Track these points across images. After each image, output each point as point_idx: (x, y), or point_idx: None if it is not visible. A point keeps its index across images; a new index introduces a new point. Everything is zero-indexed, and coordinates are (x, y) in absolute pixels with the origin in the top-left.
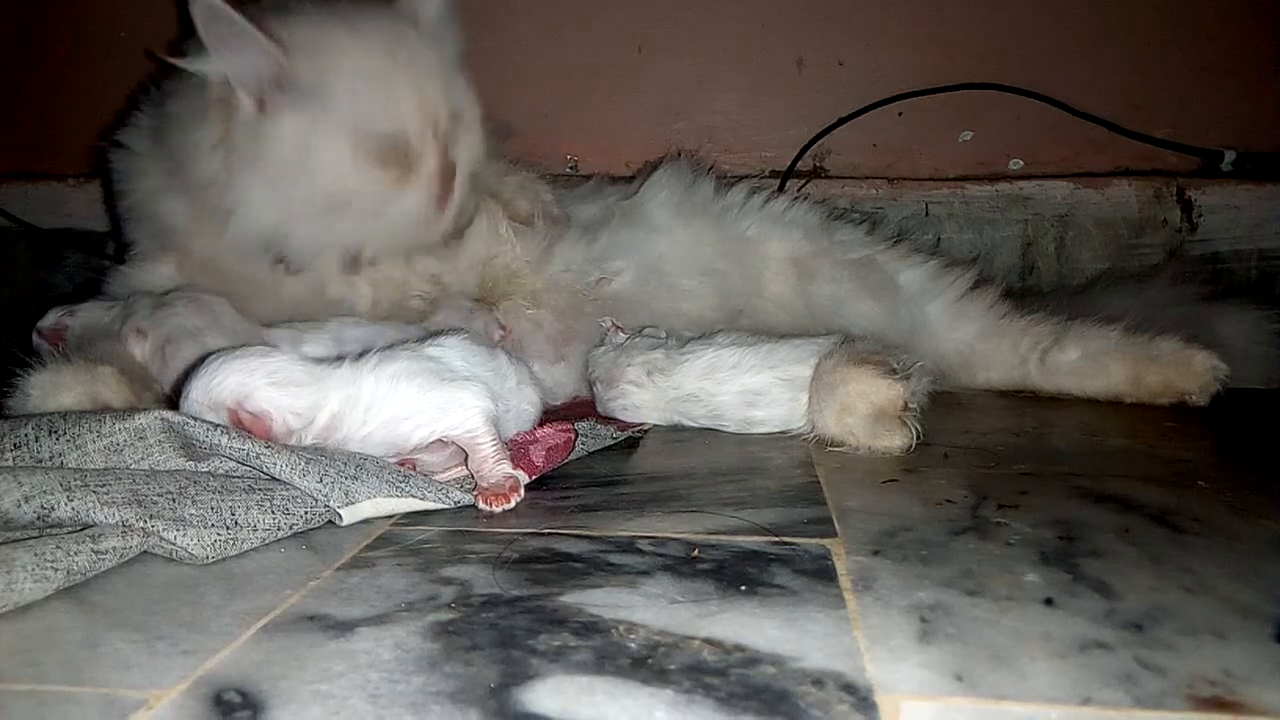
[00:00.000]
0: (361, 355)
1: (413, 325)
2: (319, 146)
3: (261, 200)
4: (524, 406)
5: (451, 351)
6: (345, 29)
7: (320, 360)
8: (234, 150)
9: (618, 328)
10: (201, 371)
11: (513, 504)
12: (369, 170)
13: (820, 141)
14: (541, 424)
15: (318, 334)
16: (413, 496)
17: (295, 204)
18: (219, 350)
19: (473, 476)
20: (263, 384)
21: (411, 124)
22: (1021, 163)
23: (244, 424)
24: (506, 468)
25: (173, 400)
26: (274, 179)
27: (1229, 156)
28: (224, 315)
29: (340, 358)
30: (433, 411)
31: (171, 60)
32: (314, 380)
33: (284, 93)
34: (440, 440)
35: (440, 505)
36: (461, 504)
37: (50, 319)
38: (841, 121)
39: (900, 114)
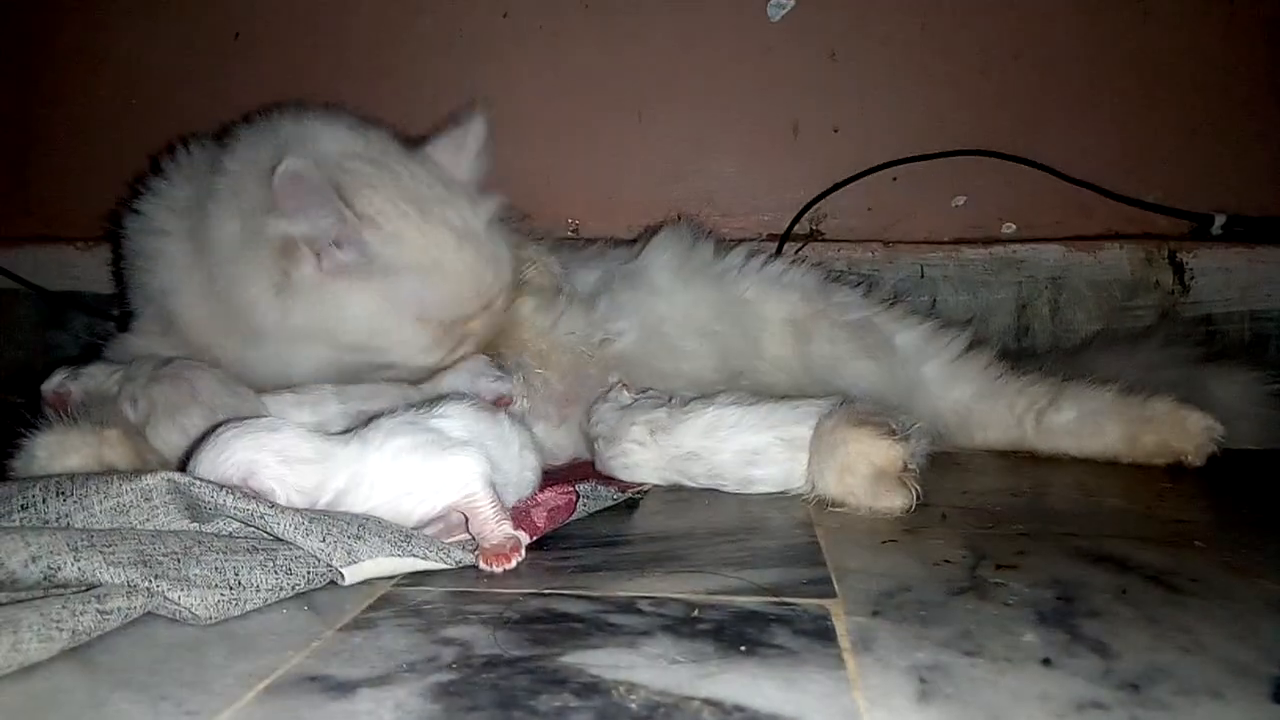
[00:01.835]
0: (367, 425)
1: (410, 386)
2: (387, 325)
3: (313, 355)
4: (525, 474)
5: (454, 421)
6: (418, 210)
7: (322, 425)
8: (288, 301)
9: (625, 387)
10: (210, 444)
11: (514, 564)
12: (429, 346)
13: (817, 205)
14: (543, 487)
15: (317, 396)
16: (415, 556)
17: (345, 362)
18: (230, 421)
19: (474, 539)
20: (270, 460)
21: (470, 312)
22: (1014, 226)
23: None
24: (507, 528)
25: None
26: (333, 340)
27: (1219, 220)
28: (203, 390)
29: (345, 430)
30: (434, 484)
31: (263, 219)
32: (321, 458)
33: (347, 255)
34: (442, 515)
35: (442, 565)
36: (463, 564)
37: (54, 381)
38: (837, 186)
39: (895, 179)
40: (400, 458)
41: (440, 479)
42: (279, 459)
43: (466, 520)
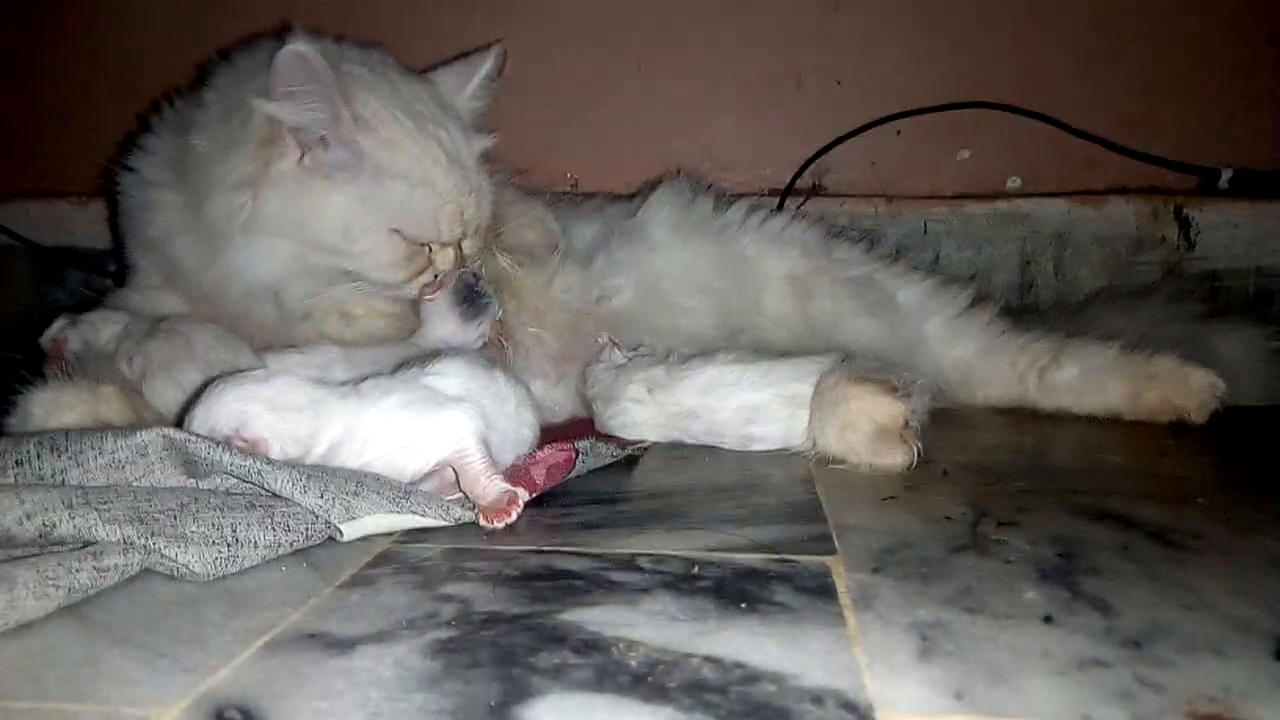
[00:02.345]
0: (364, 382)
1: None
2: (362, 229)
3: (277, 249)
4: (522, 431)
5: (449, 378)
6: (415, 124)
7: (327, 383)
8: (265, 192)
9: (615, 345)
10: (203, 398)
11: (513, 517)
12: (397, 262)
13: (819, 160)
14: (542, 445)
15: (324, 359)
16: (413, 513)
17: (309, 263)
18: (223, 375)
19: (467, 496)
20: (260, 410)
21: (446, 237)
22: (1019, 181)
23: (242, 450)
24: (499, 484)
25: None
26: (301, 236)
27: (1226, 174)
28: (199, 346)
29: (345, 382)
30: (428, 439)
31: (253, 102)
32: (314, 406)
33: (333, 154)
34: (437, 469)
35: (441, 522)
36: (462, 521)
37: (53, 329)
38: (840, 140)
39: (899, 133)
40: (396, 413)
41: (434, 434)
42: (269, 408)
43: (458, 477)
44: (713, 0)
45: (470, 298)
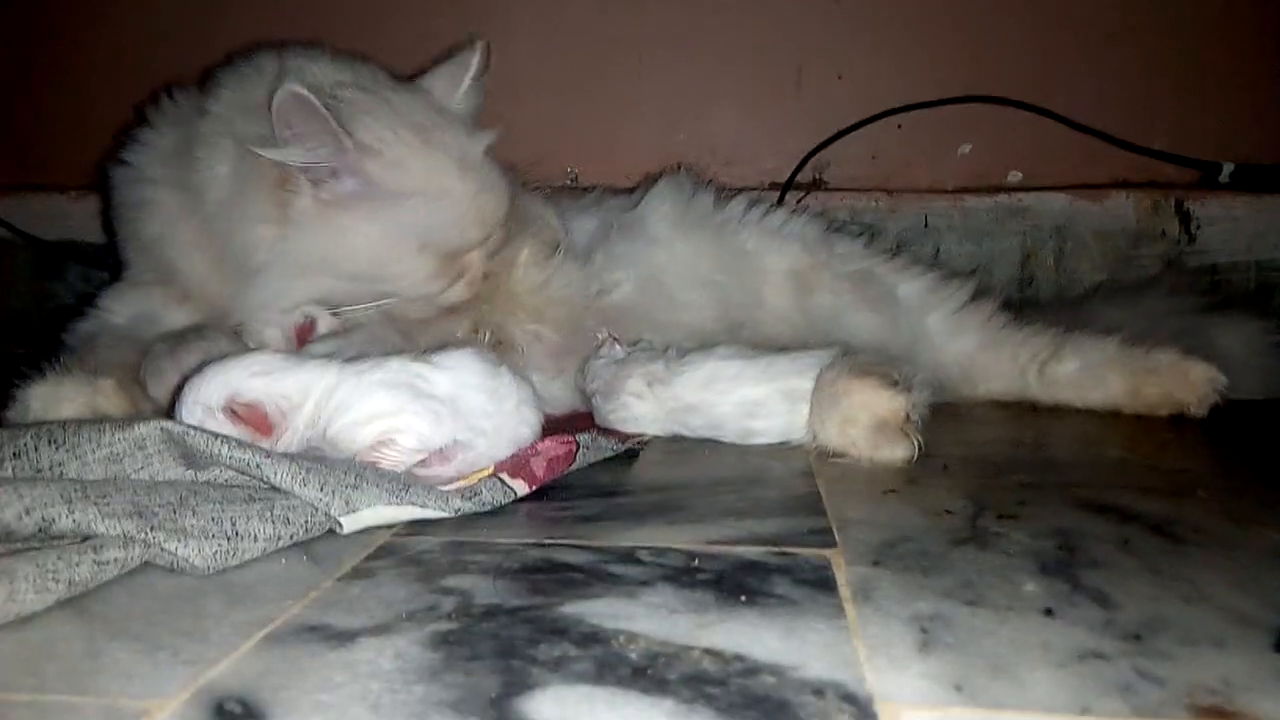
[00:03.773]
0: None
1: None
2: (394, 254)
3: (310, 284)
4: (521, 429)
5: (444, 372)
6: (419, 138)
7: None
8: (289, 231)
9: (615, 340)
10: (189, 385)
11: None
12: (433, 276)
13: (819, 154)
14: (542, 438)
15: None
16: (413, 505)
17: (344, 290)
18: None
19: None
20: (246, 377)
21: (473, 241)
22: (1020, 175)
23: (241, 418)
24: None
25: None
26: (334, 270)
27: (1227, 168)
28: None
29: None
30: (384, 420)
31: (259, 151)
32: (294, 367)
33: (345, 185)
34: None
35: (441, 514)
36: (462, 512)
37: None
38: (840, 134)
39: (899, 126)
40: (375, 390)
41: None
42: (252, 373)
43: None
44: None
45: None
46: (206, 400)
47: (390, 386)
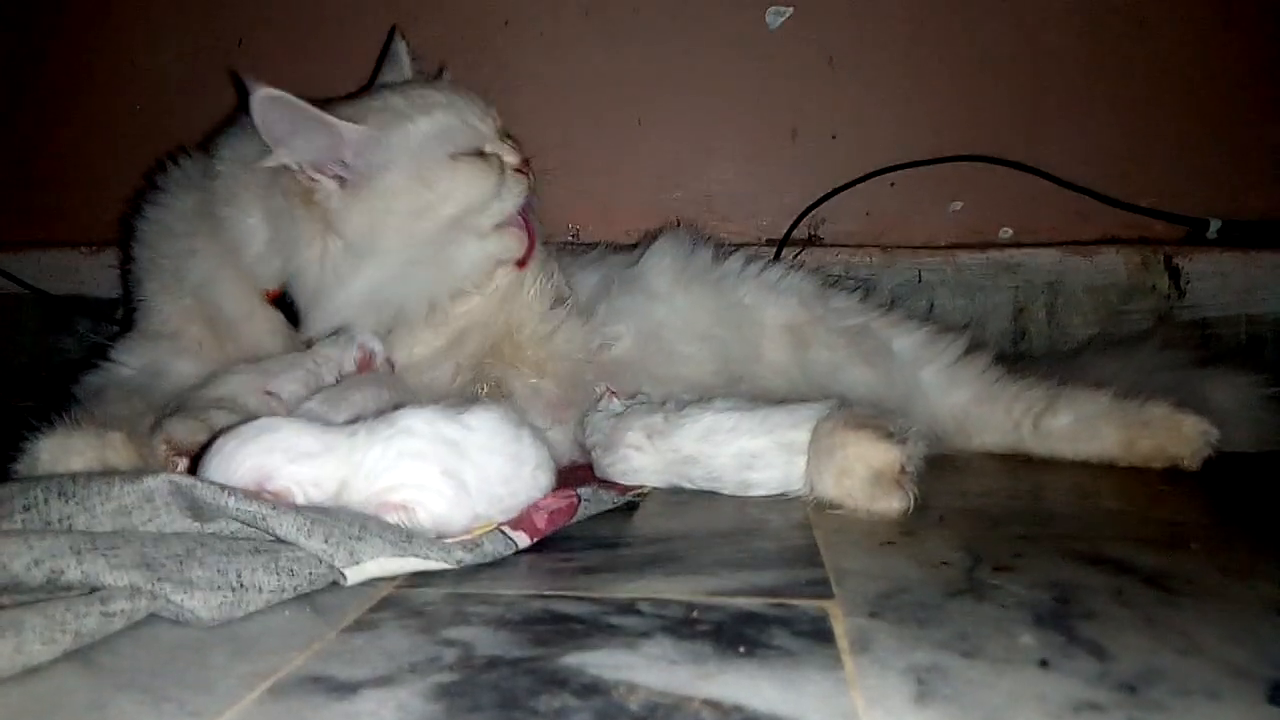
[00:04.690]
0: (380, 418)
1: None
2: (432, 176)
3: (381, 266)
4: (533, 493)
5: (473, 434)
6: (397, 94)
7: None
8: (340, 232)
9: (613, 394)
10: (216, 454)
11: None
12: (476, 176)
13: (815, 210)
14: None
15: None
16: (416, 556)
17: (422, 245)
18: (228, 431)
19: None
20: (281, 461)
21: (489, 131)
22: (1011, 231)
23: (266, 499)
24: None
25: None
26: (404, 228)
27: (1214, 224)
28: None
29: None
30: (407, 491)
31: (260, 165)
32: (326, 450)
33: (358, 164)
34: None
35: (445, 565)
36: (464, 564)
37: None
38: (835, 191)
39: (892, 184)
40: (403, 460)
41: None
42: (288, 458)
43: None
44: (711, 56)
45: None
46: (237, 481)
47: (418, 458)
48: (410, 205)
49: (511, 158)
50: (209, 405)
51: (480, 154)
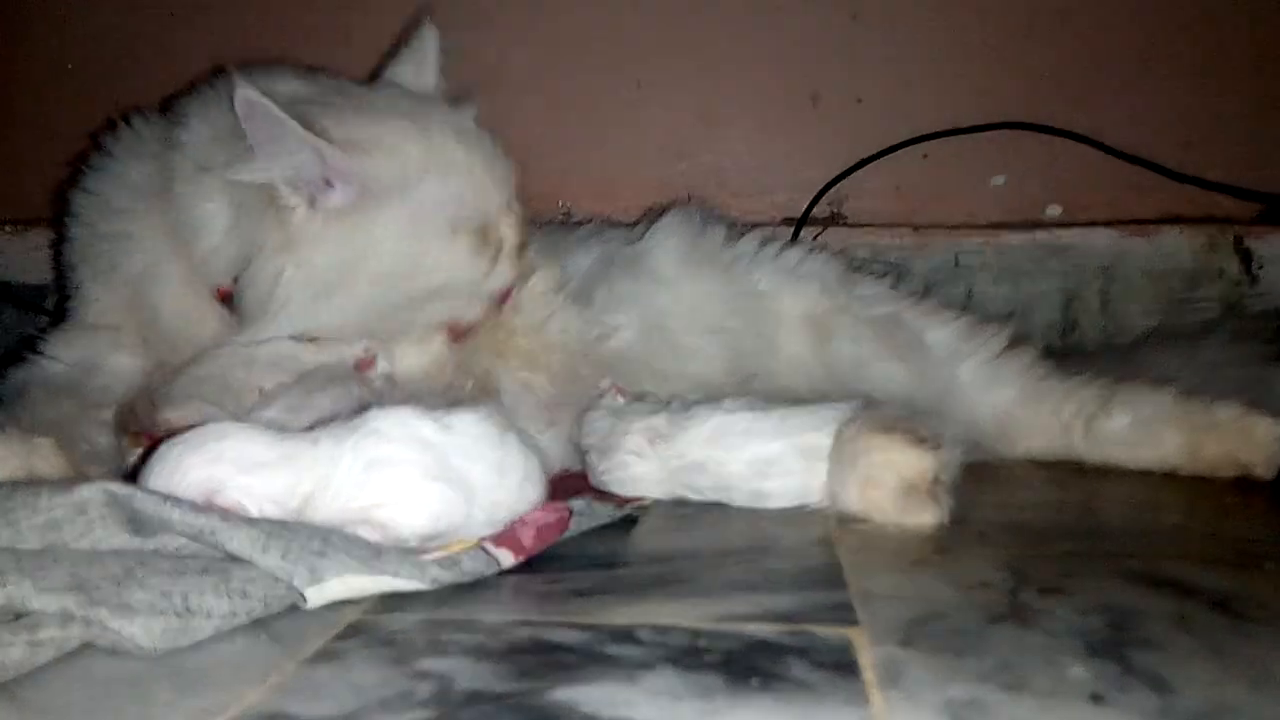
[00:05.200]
0: (349, 423)
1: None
2: (423, 243)
3: (338, 303)
4: (519, 506)
5: (454, 437)
6: (408, 122)
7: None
8: (302, 254)
9: (619, 391)
10: (159, 462)
11: None
12: (471, 259)
13: (838, 186)
14: None
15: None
16: (385, 574)
17: (389, 306)
18: (172, 438)
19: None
20: (231, 472)
21: (497, 203)
22: (1060, 209)
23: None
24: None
25: None
26: (363, 278)
27: None
28: None
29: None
30: (380, 510)
31: (234, 177)
32: (284, 460)
33: (344, 193)
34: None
35: (417, 585)
36: (440, 584)
37: None
38: (861, 164)
39: (925, 156)
40: (372, 472)
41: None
42: (239, 469)
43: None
44: (719, 10)
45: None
46: (183, 491)
47: (392, 464)
48: (390, 268)
49: (511, 238)
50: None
51: (483, 230)
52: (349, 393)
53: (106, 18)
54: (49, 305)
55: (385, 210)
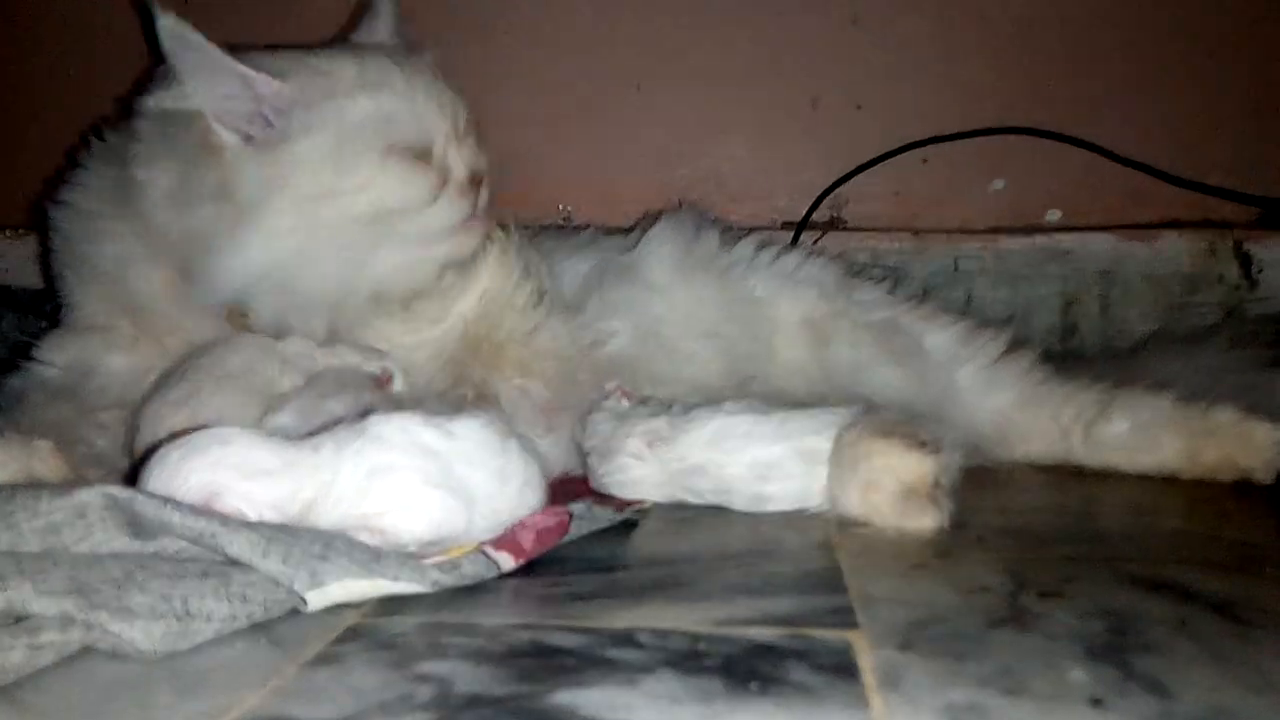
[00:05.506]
0: (351, 428)
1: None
2: (352, 163)
3: (279, 226)
4: (518, 512)
5: (460, 444)
6: (350, 60)
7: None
8: (237, 190)
9: (624, 394)
10: (159, 465)
11: None
12: (407, 181)
13: (838, 190)
14: None
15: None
16: (385, 578)
17: (322, 236)
18: (173, 441)
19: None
20: (233, 478)
21: (438, 130)
22: (1059, 214)
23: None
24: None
25: None
26: (300, 208)
27: None
28: None
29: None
30: (381, 517)
31: (157, 105)
32: (286, 467)
33: (280, 122)
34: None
35: (418, 589)
36: (440, 587)
37: None
38: (861, 168)
39: (925, 160)
40: (374, 479)
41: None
42: (241, 475)
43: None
44: (719, 14)
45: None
46: (183, 496)
47: (394, 472)
48: (314, 187)
49: (460, 170)
50: None
51: (424, 156)
52: (360, 399)
53: (105, 23)
54: (48, 309)
55: (312, 131)
